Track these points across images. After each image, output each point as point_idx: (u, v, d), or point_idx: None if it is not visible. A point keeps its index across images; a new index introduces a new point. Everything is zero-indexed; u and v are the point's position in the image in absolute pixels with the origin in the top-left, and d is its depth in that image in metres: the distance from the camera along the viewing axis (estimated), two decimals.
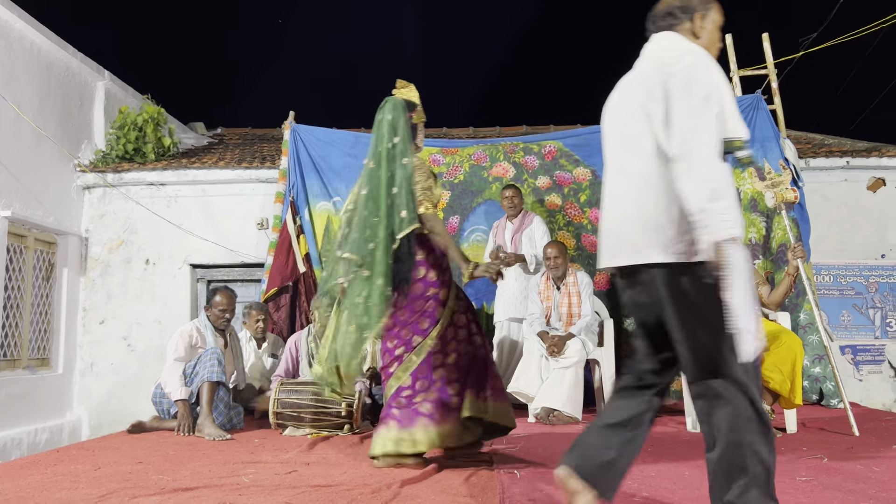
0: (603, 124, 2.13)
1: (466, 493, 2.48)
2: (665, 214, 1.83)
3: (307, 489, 2.56)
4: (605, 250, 2.04)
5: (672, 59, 1.89)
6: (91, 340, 6.58)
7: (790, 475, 2.67)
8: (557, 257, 4.80)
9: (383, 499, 2.40)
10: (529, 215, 5.47)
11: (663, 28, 2.05)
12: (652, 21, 2.08)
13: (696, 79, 1.82)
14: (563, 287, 4.83)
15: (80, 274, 6.62)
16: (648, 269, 1.87)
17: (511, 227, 5.43)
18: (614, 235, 1.98)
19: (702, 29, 2.03)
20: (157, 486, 2.64)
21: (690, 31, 2.02)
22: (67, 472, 3.00)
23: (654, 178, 1.87)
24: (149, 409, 4.52)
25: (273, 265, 5.89)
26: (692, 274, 1.79)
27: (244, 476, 2.82)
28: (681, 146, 1.78)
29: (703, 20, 2.03)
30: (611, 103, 2.10)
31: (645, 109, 1.90)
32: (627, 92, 2.02)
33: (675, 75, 1.85)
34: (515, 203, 5.41)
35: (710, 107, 1.79)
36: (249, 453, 3.43)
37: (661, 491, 2.44)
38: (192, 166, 6.83)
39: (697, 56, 1.89)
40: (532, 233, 5.36)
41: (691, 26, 2.03)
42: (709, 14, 2.04)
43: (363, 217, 3.07)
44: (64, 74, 6.48)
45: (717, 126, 1.80)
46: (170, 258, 6.65)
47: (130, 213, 6.70)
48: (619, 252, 1.96)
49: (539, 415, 4.46)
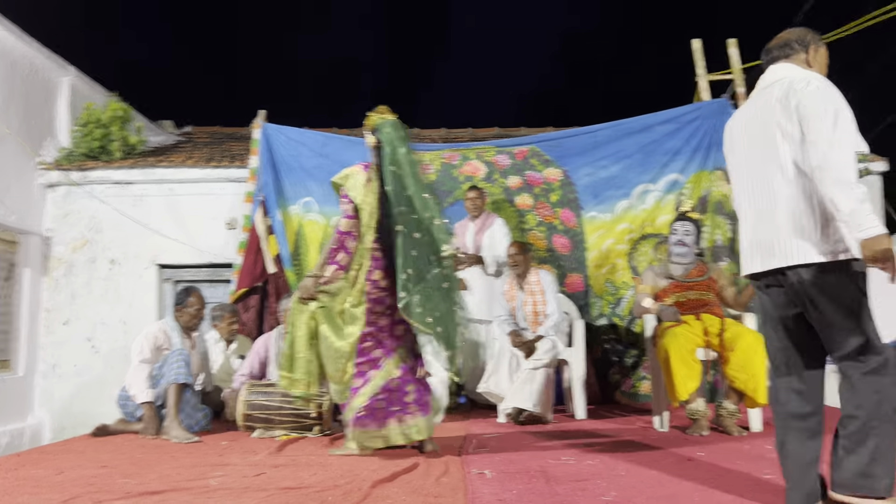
0: (733, 143, 2.38)
1: (437, 493, 2.48)
2: (811, 220, 2.09)
3: (276, 491, 2.54)
4: (754, 256, 2.26)
5: (802, 84, 2.13)
6: (54, 341, 6.44)
7: (755, 472, 2.73)
8: (517, 254, 4.83)
9: (354, 500, 2.38)
10: (491, 216, 5.49)
11: (780, 58, 2.32)
12: (767, 52, 2.36)
13: (829, 98, 2.08)
14: (526, 286, 4.85)
15: (42, 274, 6.47)
16: (797, 270, 2.11)
17: (473, 227, 5.44)
18: (764, 243, 2.21)
19: (815, 60, 2.30)
20: (123, 491, 2.59)
21: (805, 61, 2.29)
22: (28, 476, 2.93)
23: (797, 189, 2.11)
24: (114, 412, 4.44)
25: (242, 266, 5.83)
26: (838, 270, 2.06)
27: (212, 479, 2.78)
28: (824, 158, 2.01)
29: (815, 52, 2.31)
30: (741, 125, 2.35)
31: (783, 128, 2.15)
32: (762, 113, 2.24)
33: (808, 96, 2.10)
34: (478, 204, 5.44)
35: (845, 122, 2.05)
36: (217, 456, 3.39)
37: (629, 490, 2.47)
38: (159, 165, 6.73)
39: (823, 80, 2.15)
40: (493, 234, 5.38)
41: (806, 57, 2.30)
42: (820, 48, 2.33)
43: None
44: (28, 70, 6.33)
45: (852, 138, 2.05)
46: (136, 258, 6.54)
47: (95, 212, 6.57)
48: (771, 256, 2.18)
49: (510, 415, 4.48)
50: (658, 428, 4.09)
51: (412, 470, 2.90)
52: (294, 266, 5.99)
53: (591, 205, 5.92)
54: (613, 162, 5.95)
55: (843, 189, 1.98)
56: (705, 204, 5.76)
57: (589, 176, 5.96)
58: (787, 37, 2.34)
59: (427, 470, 2.90)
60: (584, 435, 3.92)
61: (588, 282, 5.81)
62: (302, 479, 2.75)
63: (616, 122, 6.03)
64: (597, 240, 5.87)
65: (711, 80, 6.04)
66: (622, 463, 3.01)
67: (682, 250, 4.32)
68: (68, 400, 6.34)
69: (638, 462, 3.03)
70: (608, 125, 6.04)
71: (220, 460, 3.25)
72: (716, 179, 5.46)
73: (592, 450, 3.39)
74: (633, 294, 5.65)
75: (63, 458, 3.41)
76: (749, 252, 2.29)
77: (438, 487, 2.58)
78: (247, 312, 5.75)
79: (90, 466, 3.13)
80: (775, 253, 2.17)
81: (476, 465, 2.99)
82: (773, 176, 2.18)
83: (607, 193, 5.92)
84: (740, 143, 2.34)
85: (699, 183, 5.81)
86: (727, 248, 5.70)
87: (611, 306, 5.78)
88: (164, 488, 2.61)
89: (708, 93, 6.05)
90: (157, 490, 2.58)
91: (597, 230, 5.88)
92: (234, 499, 2.45)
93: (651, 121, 5.97)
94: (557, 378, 5.29)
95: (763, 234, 2.22)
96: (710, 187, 5.77)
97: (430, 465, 3.00)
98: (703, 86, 6.03)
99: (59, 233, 6.55)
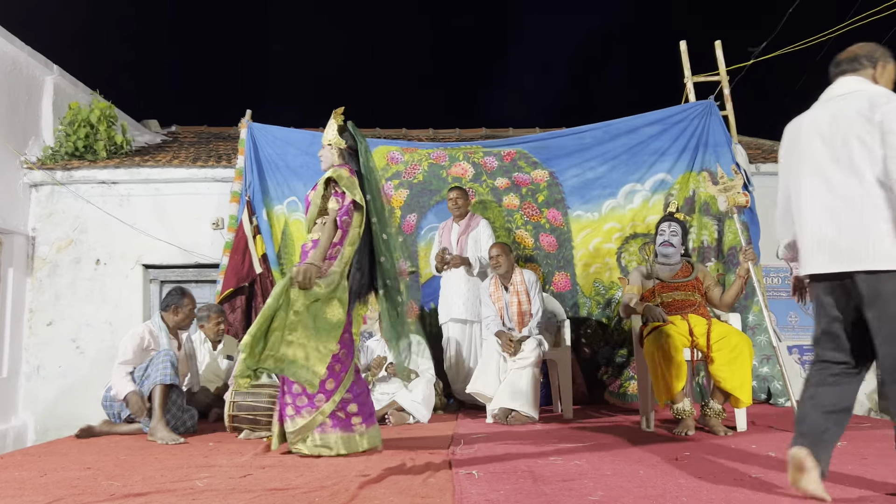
0: (797, 143, 2.48)
1: (425, 493, 2.48)
2: (883, 226, 2.19)
3: (263, 493, 2.53)
4: (817, 256, 2.36)
5: (881, 98, 2.25)
6: (38, 342, 6.38)
7: (741, 472, 2.74)
8: (499, 255, 4.85)
9: (341, 501, 2.38)
10: (476, 218, 5.50)
11: (847, 71, 2.43)
12: (836, 65, 2.47)
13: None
14: (510, 287, 4.87)
15: (26, 274, 6.41)
16: (861, 275, 2.21)
17: (457, 228, 5.45)
18: (832, 245, 2.30)
19: (881, 76, 2.42)
20: (107, 493, 2.57)
21: (872, 77, 2.41)
22: (12, 478, 2.90)
23: (873, 197, 2.21)
24: (99, 414, 4.40)
25: (229, 266, 5.81)
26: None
27: (198, 480, 2.76)
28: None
29: (883, 69, 2.43)
30: (811, 127, 2.42)
31: (863, 139, 2.25)
32: (839, 121, 2.32)
33: (890, 113, 2.21)
34: (460, 205, 5.44)
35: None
36: (203, 457, 3.37)
37: (616, 490, 2.47)
38: (145, 164, 6.68)
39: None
40: (478, 235, 5.40)
41: (873, 73, 2.42)
42: (888, 65, 2.44)
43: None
44: (10, 68, 6.27)
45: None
46: (121, 258, 6.49)
47: (80, 211, 6.52)
48: (839, 259, 2.28)
49: (497, 415, 4.48)
50: (645, 428, 4.10)
51: (400, 470, 2.90)
52: (280, 266, 5.97)
53: (577, 204, 5.95)
54: (601, 163, 5.98)
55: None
56: (692, 205, 5.80)
57: (576, 177, 5.99)
58: (857, 51, 2.44)
59: (414, 470, 2.90)
60: (572, 435, 3.93)
61: (576, 280, 5.83)
62: (289, 481, 2.74)
63: (603, 124, 6.06)
64: (584, 239, 5.89)
65: (698, 81, 6.08)
66: (609, 463, 3.02)
67: (668, 251, 4.34)
68: (52, 401, 6.28)
69: (625, 462, 3.04)
70: (595, 126, 6.07)
71: (206, 461, 3.23)
72: (702, 181, 5.48)
73: (579, 450, 3.39)
74: (621, 294, 5.68)
75: (47, 459, 3.37)
76: (812, 251, 2.38)
77: (426, 488, 2.57)
78: (233, 313, 5.72)
79: (74, 468, 3.10)
80: (846, 256, 2.26)
81: (464, 465, 2.99)
82: (847, 182, 2.27)
83: (594, 193, 5.95)
84: (808, 144, 2.42)
85: (686, 184, 5.84)
86: (714, 249, 5.73)
87: (600, 307, 5.80)
88: (148, 490, 2.59)
89: (693, 94, 6.09)
90: (142, 492, 2.56)
91: (583, 229, 5.91)
92: (220, 500, 2.43)
93: (638, 122, 6.00)
94: (545, 378, 5.30)
95: (831, 236, 2.31)
96: (696, 188, 5.80)
97: (418, 466, 2.99)
98: (688, 87, 6.07)
99: (43, 232, 6.49)
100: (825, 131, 2.37)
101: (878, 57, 2.43)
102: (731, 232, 5.63)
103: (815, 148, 2.40)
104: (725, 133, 5.84)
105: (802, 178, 2.45)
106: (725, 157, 5.68)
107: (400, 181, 6.05)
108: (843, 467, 2.73)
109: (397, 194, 6.03)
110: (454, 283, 5.33)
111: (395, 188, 6.03)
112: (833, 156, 2.33)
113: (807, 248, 2.43)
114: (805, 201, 2.43)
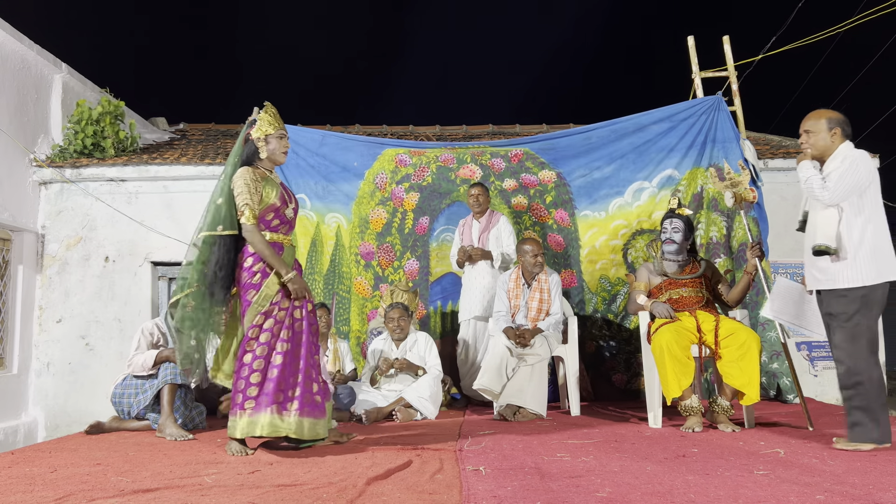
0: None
1: (432, 490, 2.48)
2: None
3: (271, 489, 2.54)
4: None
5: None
6: (47, 339, 6.42)
7: (748, 469, 2.74)
8: (538, 254, 4.86)
9: (348, 497, 2.38)
10: (496, 215, 5.49)
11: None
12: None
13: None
14: (534, 283, 4.87)
15: (36, 271, 6.45)
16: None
17: (478, 225, 5.45)
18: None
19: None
20: (117, 488, 2.59)
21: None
22: (22, 474, 2.92)
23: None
24: (108, 410, 4.43)
25: None
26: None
27: (206, 476, 2.78)
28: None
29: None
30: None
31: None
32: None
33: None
34: (481, 201, 5.44)
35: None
36: (212, 453, 3.39)
37: (624, 487, 2.47)
38: (153, 162, 6.71)
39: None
40: (499, 232, 5.39)
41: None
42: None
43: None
44: (20, 66, 6.30)
45: None
46: (130, 255, 6.52)
47: (89, 209, 6.55)
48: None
49: (504, 412, 4.49)
50: (652, 424, 4.10)
51: (407, 467, 2.91)
52: None
53: (585, 204, 5.94)
54: (607, 163, 5.96)
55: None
56: (700, 201, 5.78)
57: (583, 177, 5.97)
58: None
59: (422, 467, 2.91)
60: (579, 431, 3.93)
61: (581, 277, 5.83)
62: (297, 477, 2.75)
63: (610, 122, 6.03)
64: (590, 237, 5.88)
65: (706, 76, 6.05)
66: (616, 459, 3.02)
67: (671, 248, 4.33)
68: (62, 398, 6.32)
69: (632, 458, 3.03)
70: (602, 125, 6.04)
71: (215, 458, 3.25)
72: (710, 177, 5.45)
73: (587, 446, 3.39)
74: (628, 291, 5.67)
75: (57, 455, 3.40)
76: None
77: (433, 484, 2.58)
78: None
79: (84, 464, 3.12)
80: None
81: (471, 461, 3.00)
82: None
83: (601, 193, 5.93)
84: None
85: (694, 180, 5.82)
86: (723, 245, 5.71)
87: (605, 303, 5.79)
88: (157, 486, 2.60)
89: (701, 90, 6.06)
90: (151, 488, 2.58)
91: (590, 228, 5.90)
92: (228, 496, 2.44)
93: (645, 120, 5.97)
94: (552, 375, 5.30)
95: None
96: (704, 184, 5.78)
97: (425, 463, 3.00)
98: (697, 83, 6.04)
99: (52, 230, 6.53)
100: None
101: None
102: (741, 228, 5.61)
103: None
104: (733, 129, 5.80)
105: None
106: (733, 153, 5.66)
107: (410, 184, 6.05)
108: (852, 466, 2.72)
109: (408, 197, 6.03)
110: (476, 282, 5.33)
111: (405, 191, 6.03)
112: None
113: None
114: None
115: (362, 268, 5.94)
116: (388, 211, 5.99)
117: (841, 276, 3.20)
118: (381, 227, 5.99)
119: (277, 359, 3.31)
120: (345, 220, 6.02)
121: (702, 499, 2.28)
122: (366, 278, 5.92)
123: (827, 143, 3.31)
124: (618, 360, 5.70)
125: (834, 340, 3.29)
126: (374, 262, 5.94)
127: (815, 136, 3.33)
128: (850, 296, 3.18)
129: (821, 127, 3.32)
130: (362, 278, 5.92)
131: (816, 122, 3.33)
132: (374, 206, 6.01)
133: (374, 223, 5.99)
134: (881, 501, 2.19)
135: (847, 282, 3.19)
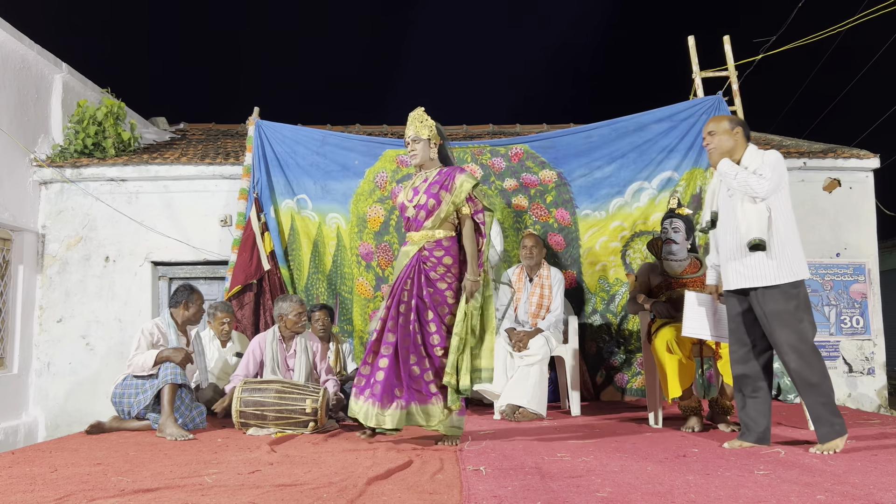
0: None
1: (432, 490, 2.48)
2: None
3: (271, 489, 2.54)
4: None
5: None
6: (48, 339, 6.42)
7: (748, 469, 2.74)
8: (533, 247, 4.88)
9: (349, 497, 2.38)
10: None
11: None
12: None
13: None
14: (535, 279, 4.89)
15: (36, 271, 6.45)
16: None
17: None
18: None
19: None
20: (117, 488, 2.59)
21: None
22: (23, 474, 2.92)
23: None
24: (108, 410, 4.43)
25: (237, 263, 5.82)
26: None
27: (207, 476, 2.78)
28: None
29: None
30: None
31: None
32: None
33: None
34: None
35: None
36: (212, 453, 3.39)
37: (624, 487, 2.47)
38: (153, 162, 6.71)
39: None
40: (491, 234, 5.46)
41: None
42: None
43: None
44: (20, 66, 6.30)
45: None
46: (130, 255, 6.52)
47: (90, 209, 6.55)
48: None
49: (504, 412, 4.49)
50: (652, 424, 4.10)
51: (407, 467, 2.91)
52: (288, 263, 5.99)
53: (585, 204, 5.94)
54: (608, 162, 5.96)
55: None
56: (700, 201, 5.78)
57: (584, 177, 5.97)
58: None
59: (422, 467, 2.91)
60: (579, 431, 3.93)
61: (581, 278, 5.83)
62: (297, 477, 2.75)
63: (610, 121, 6.02)
64: (591, 237, 5.89)
65: (706, 76, 6.04)
66: (617, 459, 3.02)
67: (671, 248, 4.33)
68: (63, 398, 6.33)
69: (632, 458, 3.04)
70: (602, 124, 6.03)
71: (215, 458, 3.25)
72: (709, 177, 5.46)
73: (587, 446, 3.39)
74: (627, 291, 5.67)
75: (57, 455, 3.40)
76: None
77: (434, 484, 2.58)
78: (241, 310, 5.74)
79: (84, 464, 3.12)
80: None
81: (471, 461, 3.00)
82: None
83: (602, 192, 5.93)
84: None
85: (693, 180, 5.82)
86: None
87: (604, 303, 5.79)
88: (158, 486, 2.61)
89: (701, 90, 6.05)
90: (151, 487, 2.58)
91: (591, 228, 5.90)
92: (228, 496, 2.44)
93: (645, 119, 5.97)
94: (552, 375, 5.30)
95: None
96: (703, 185, 5.78)
97: (426, 463, 3.00)
98: (698, 83, 6.03)
99: (53, 230, 6.53)
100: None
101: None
102: None
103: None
104: None
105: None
106: None
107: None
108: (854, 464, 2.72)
109: None
110: None
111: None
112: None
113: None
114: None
115: (363, 269, 5.94)
116: (386, 209, 5.99)
117: (780, 272, 3.20)
118: (378, 225, 5.99)
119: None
120: (344, 220, 6.01)
121: (702, 499, 2.28)
122: (367, 279, 5.93)
123: (731, 143, 3.38)
124: (618, 360, 5.70)
125: (778, 340, 3.19)
126: (374, 262, 5.94)
127: (717, 136, 3.40)
128: (790, 291, 3.19)
129: (723, 127, 3.40)
130: (364, 279, 5.93)
131: (718, 124, 3.42)
132: (372, 203, 6.00)
133: (372, 221, 5.99)
134: (882, 501, 2.20)
135: (786, 276, 3.19)
